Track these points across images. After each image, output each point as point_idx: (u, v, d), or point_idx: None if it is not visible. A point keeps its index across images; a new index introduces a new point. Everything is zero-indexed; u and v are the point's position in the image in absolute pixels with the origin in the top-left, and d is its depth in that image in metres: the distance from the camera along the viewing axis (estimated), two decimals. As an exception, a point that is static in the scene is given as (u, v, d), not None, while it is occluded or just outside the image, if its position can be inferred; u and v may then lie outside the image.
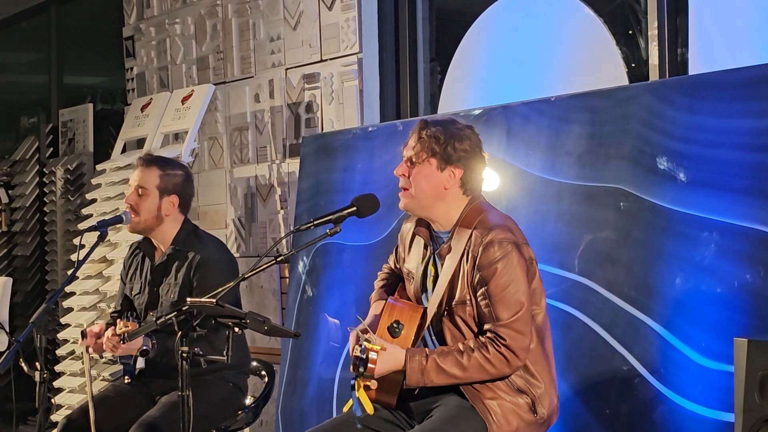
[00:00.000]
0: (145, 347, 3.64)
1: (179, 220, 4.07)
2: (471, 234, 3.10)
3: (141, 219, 4.01)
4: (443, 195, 3.17)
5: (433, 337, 3.19)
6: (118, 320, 3.75)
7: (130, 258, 4.21)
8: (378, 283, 3.47)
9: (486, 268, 3.05)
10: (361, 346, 2.99)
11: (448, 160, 3.14)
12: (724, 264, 3.24)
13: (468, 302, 3.10)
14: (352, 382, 3.07)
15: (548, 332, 3.19)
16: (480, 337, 3.07)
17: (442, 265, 3.17)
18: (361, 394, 3.05)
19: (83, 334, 3.88)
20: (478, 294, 3.07)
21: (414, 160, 3.17)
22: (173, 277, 4.00)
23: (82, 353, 3.92)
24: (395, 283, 3.42)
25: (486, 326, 3.06)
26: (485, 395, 3.08)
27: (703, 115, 3.38)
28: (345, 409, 3.20)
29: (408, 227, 3.36)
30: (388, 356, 3.01)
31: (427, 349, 3.09)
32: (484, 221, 3.12)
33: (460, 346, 3.06)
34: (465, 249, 3.10)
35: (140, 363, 3.87)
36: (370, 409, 3.06)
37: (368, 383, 3.03)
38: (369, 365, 2.97)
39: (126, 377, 3.87)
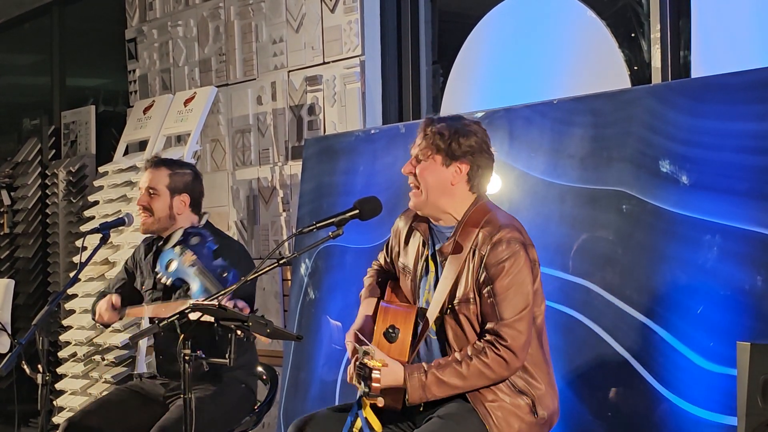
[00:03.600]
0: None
1: (192, 219, 4.10)
2: (478, 233, 3.10)
3: (155, 218, 4.03)
4: (450, 191, 3.16)
5: (434, 337, 3.18)
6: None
7: (141, 251, 4.19)
8: (367, 280, 3.44)
9: (493, 267, 3.05)
10: (362, 363, 2.93)
11: (452, 156, 3.13)
12: (727, 267, 3.24)
13: (472, 300, 3.09)
14: (358, 398, 3.04)
15: (545, 335, 3.19)
16: (478, 342, 3.07)
17: (443, 262, 3.16)
18: (368, 413, 3.02)
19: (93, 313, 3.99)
20: (483, 292, 3.07)
21: (420, 157, 3.17)
22: None
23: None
24: (385, 280, 3.40)
25: (488, 325, 3.06)
26: (486, 398, 3.07)
27: (706, 118, 3.38)
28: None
29: (403, 223, 3.35)
30: (389, 372, 3.00)
31: (424, 363, 3.07)
32: (492, 220, 3.11)
33: (457, 355, 3.06)
34: (471, 247, 3.10)
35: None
36: (378, 427, 3.03)
37: (375, 401, 2.98)
38: (373, 384, 2.93)
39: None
